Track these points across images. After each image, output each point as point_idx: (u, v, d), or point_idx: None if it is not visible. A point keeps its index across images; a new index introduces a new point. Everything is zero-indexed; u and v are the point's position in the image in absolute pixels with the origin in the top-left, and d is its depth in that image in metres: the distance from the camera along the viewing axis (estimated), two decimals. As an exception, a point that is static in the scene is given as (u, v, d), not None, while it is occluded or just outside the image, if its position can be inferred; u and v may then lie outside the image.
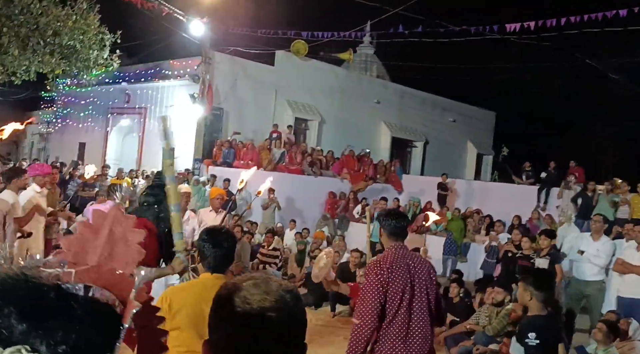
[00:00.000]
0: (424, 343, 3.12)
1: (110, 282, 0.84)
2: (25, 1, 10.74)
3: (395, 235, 3.29)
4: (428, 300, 3.17)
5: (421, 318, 3.13)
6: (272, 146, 15.63)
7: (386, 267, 3.10)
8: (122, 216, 0.99)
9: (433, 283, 3.24)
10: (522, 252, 7.61)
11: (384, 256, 3.22)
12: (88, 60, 12.14)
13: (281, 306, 1.03)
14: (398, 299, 3.07)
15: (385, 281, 3.06)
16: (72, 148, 20.34)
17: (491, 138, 24.64)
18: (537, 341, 3.33)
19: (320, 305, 8.44)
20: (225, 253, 2.62)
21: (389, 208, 4.64)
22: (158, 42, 17.81)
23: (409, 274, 3.13)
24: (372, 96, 20.23)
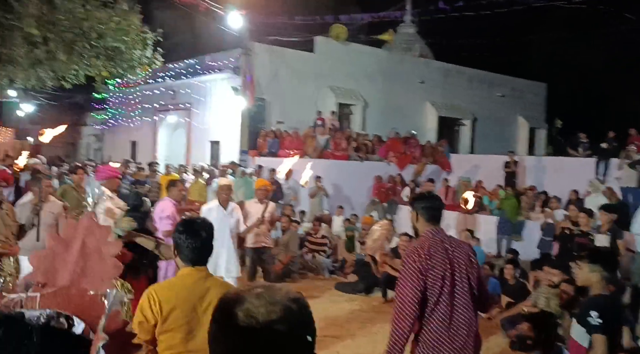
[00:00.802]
0: (469, 329, 2.98)
1: (79, 307, 0.77)
2: (68, 6, 11.03)
3: (430, 218, 3.15)
4: (470, 284, 3.03)
5: (464, 303, 2.99)
6: (317, 133, 15.57)
7: (424, 253, 2.97)
8: (95, 226, 0.91)
9: (474, 266, 3.08)
10: (579, 229, 7.26)
11: (420, 242, 3.08)
12: (132, 60, 12.39)
13: (288, 317, 0.95)
14: (439, 285, 2.94)
15: (424, 268, 2.93)
16: (125, 147, 21.00)
17: (543, 111, 23.70)
18: (599, 321, 3.14)
19: (371, 291, 8.36)
20: (202, 244, 2.47)
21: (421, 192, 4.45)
22: (198, 38, 18.03)
23: (448, 258, 2.99)
24: (416, 76, 19.82)
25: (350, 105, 18.45)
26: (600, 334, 3.15)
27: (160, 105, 19.26)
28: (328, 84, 17.61)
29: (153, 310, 2.37)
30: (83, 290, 0.82)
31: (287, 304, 0.96)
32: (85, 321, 0.77)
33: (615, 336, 3.29)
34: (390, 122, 17.79)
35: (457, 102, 20.86)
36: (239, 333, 0.93)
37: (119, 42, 11.77)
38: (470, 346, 2.99)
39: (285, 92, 16.54)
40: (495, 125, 21.47)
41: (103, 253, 0.88)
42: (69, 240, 0.91)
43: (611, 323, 3.20)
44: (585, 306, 3.36)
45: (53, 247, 0.90)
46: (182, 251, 2.49)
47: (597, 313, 3.16)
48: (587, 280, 3.38)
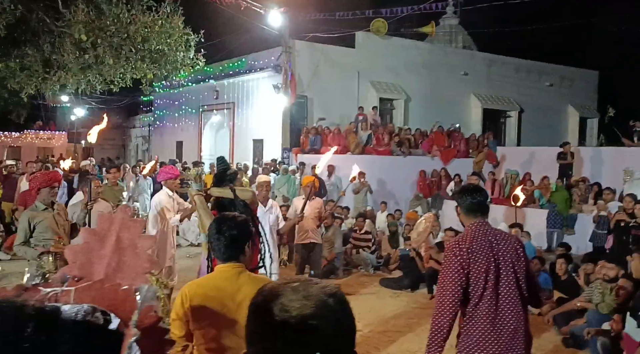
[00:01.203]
0: (517, 325, 2.85)
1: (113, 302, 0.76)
2: (115, 12, 11.33)
3: (473, 211, 3.04)
4: (517, 278, 2.90)
5: (511, 298, 2.87)
6: (359, 129, 15.49)
7: (465, 247, 2.87)
8: (129, 220, 0.90)
9: (521, 260, 2.94)
10: (636, 221, 6.92)
11: (462, 236, 2.98)
12: (175, 61, 12.62)
13: (324, 312, 0.91)
14: (482, 280, 2.83)
15: (466, 263, 2.84)
16: (171, 147, 21.51)
17: (595, 100, 22.80)
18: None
19: (416, 287, 8.25)
20: (232, 240, 2.46)
21: (463, 185, 4.30)
22: (240, 37, 18.24)
23: (492, 252, 2.87)
24: (459, 68, 19.43)
25: (392, 100, 18.28)
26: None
27: (204, 105, 19.62)
28: (369, 79, 17.50)
29: (184, 307, 2.40)
30: (117, 284, 0.81)
31: (322, 298, 0.92)
32: (120, 316, 0.76)
33: None
34: (434, 115, 17.51)
35: (502, 93, 20.33)
36: (274, 327, 0.90)
37: (163, 45, 11.99)
38: (520, 342, 2.86)
39: (327, 89, 16.52)
40: (543, 115, 20.82)
41: (137, 247, 0.88)
42: (104, 234, 0.91)
43: None
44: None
45: (88, 241, 0.90)
46: (214, 248, 2.52)
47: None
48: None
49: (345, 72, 16.90)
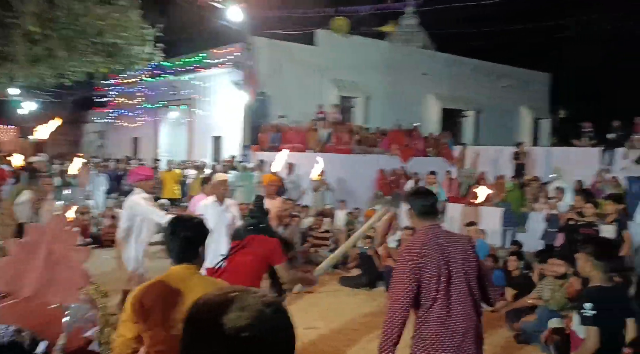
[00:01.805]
0: (468, 325, 2.91)
1: (40, 322, 0.70)
2: (67, 3, 10.97)
3: (424, 214, 3.08)
4: (467, 280, 2.95)
5: (462, 300, 2.91)
6: (319, 127, 15.49)
7: (416, 252, 2.91)
8: (63, 231, 0.84)
9: (470, 260, 2.99)
10: (584, 219, 7.16)
11: (414, 240, 3.03)
12: (131, 56, 12.33)
13: (260, 323, 0.87)
14: (434, 283, 2.87)
15: (417, 268, 2.87)
16: (127, 143, 21.00)
17: (547, 102, 23.52)
18: (593, 312, 3.10)
19: (374, 285, 8.31)
20: (187, 242, 2.47)
21: (414, 187, 4.44)
22: (199, 32, 17.93)
23: (443, 255, 2.91)
24: (419, 68, 19.67)
25: (353, 98, 18.35)
26: (591, 325, 3.12)
27: (161, 101, 19.22)
28: (330, 77, 17.51)
29: (135, 308, 2.36)
30: (45, 303, 0.75)
31: (259, 308, 0.89)
32: (47, 338, 0.71)
33: (615, 329, 3.23)
34: (393, 114, 17.68)
35: (460, 94, 20.71)
36: (206, 340, 0.86)
37: (118, 38, 11.71)
38: (471, 343, 2.92)
39: (287, 86, 16.44)
40: (498, 116, 21.32)
41: (71, 260, 0.81)
42: (34, 246, 0.83)
43: (607, 315, 3.16)
44: (581, 298, 3.33)
45: (16, 254, 0.82)
46: (168, 249, 2.51)
47: (590, 304, 3.14)
48: (583, 270, 3.35)
49: (306, 69, 16.86)
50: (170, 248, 2.49)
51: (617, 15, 17.60)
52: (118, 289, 7.11)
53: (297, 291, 7.23)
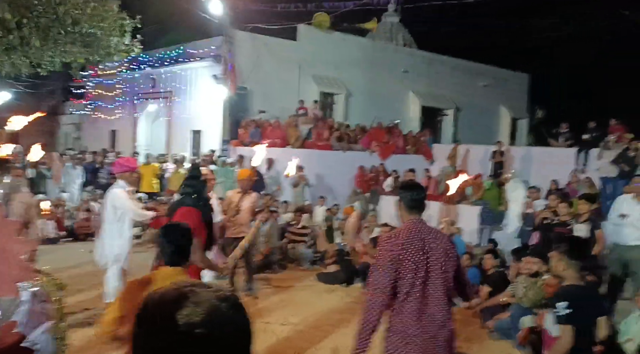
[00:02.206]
0: (442, 321, 2.98)
1: None
2: (42, -9, 10.72)
3: (412, 208, 3.12)
4: (444, 277, 3.01)
5: (437, 295, 2.98)
6: (299, 123, 15.45)
7: (399, 243, 2.97)
8: (1, 222, 0.79)
9: (450, 258, 3.05)
10: (559, 218, 7.27)
11: (398, 231, 3.08)
12: (109, 47, 12.09)
13: (214, 319, 0.84)
14: (411, 276, 2.93)
15: (397, 258, 2.93)
16: (104, 136, 20.65)
17: (525, 102, 23.83)
18: (567, 311, 3.12)
19: (351, 282, 8.32)
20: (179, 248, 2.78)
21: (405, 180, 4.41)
22: (179, 25, 17.71)
23: (423, 250, 2.98)
24: (399, 65, 19.74)
25: (333, 94, 18.34)
26: (566, 324, 3.14)
27: (140, 94, 18.95)
28: (311, 73, 17.47)
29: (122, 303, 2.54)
30: None
31: (214, 303, 0.86)
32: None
33: (588, 328, 3.27)
34: (373, 111, 17.71)
35: (440, 92, 20.85)
36: (160, 336, 0.83)
37: (96, 28, 11.46)
38: (442, 338, 2.98)
39: (268, 81, 16.35)
40: (477, 115, 21.52)
41: (8, 252, 0.76)
42: None
43: (581, 313, 3.18)
44: (555, 296, 3.34)
45: None
46: (162, 252, 2.81)
47: (565, 303, 3.15)
48: (556, 269, 3.36)
49: (286, 64, 16.79)
50: (164, 251, 2.79)
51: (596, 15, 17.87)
52: (91, 282, 7.02)
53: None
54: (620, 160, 11.61)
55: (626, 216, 6.59)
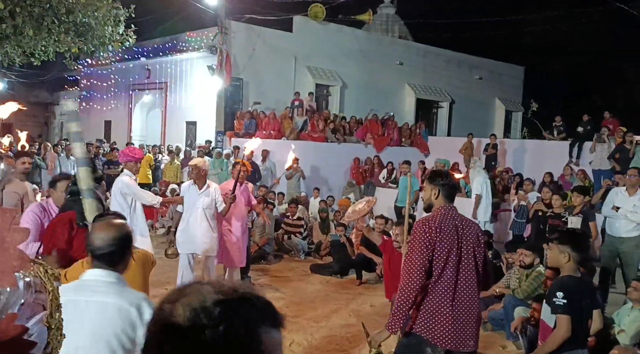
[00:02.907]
0: (471, 304, 3.10)
1: None
2: (36, -21, 10.63)
3: (449, 196, 3.27)
4: (475, 263, 3.14)
5: (468, 280, 3.11)
6: (294, 114, 15.42)
7: (435, 226, 3.10)
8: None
9: (481, 246, 3.20)
10: (552, 211, 7.31)
11: (433, 216, 3.21)
12: (103, 37, 12.02)
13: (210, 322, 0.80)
14: (444, 258, 3.07)
15: (433, 240, 3.07)
16: (99, 126, 20.55)
17: (520, 95, 23.87)
18: (564, 301, 3.17)
19: (346, 273, 8.35)
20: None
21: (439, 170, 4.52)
22: (174, 15, 17.62)
23: (457, 235, 3.12)
24: (395, 57, 19.70)
25: (329, 86, 18.30)
26: (563, 314, 3.19)
27: (135, 84, 18.85)
28: (306, 64, 17.41)
29: None
30: None
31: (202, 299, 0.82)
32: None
33: (583, 318, 3.31)
34: (369, 103, 17.70)
35: (435, 84, 20.84)
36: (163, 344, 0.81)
37: (89, 18, 11.39)
38: (472, 320, 3.10)
39: (263, 72, 16.30)
40: (472, 107, 21.55)
41: (6, 241, 0.75)
42: None
43: (577, 304, 3.22)
44: (552, 287, 3.37)
45: None
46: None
47: (562, 293, 3.20)
48: (557, 261, 3.39)
49: (282, 56, 16.73)
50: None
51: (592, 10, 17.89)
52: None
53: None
54: (617, 154, 11.66)
55: (619, 208, 6.64)
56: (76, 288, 2.08)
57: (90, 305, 2.03)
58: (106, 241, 2.15)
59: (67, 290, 1.85)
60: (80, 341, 1.93)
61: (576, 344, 3.32)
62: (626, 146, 11.65)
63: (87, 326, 1.98)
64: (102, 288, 2.09)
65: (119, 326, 2.02)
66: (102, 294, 2.06)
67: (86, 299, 2.04)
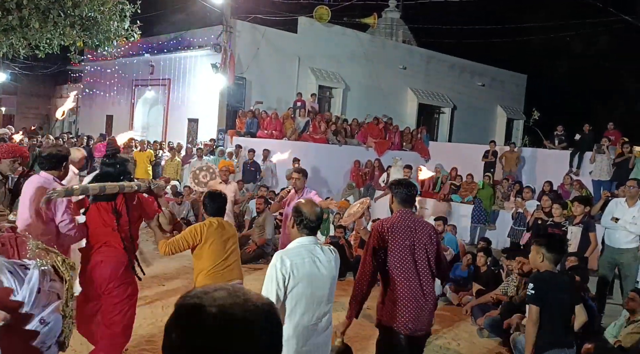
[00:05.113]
0: (427, 290, 3.52)
1: None
2: (43, -27, 10.63)
3: (405, 201, 3.65)
4: (428, 257, 3.54)
5: (424, 272, 3.52)
6: (296, 115, 15.45)
7: (387, 226, 3.52)
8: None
9: (433, 243, 3.59)
10: (552, 220, 7.33)
11: (388, 218, 3.64)
12: (109, 31, 12.00)
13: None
14: (399, 256, 3.49)
15: (385, 239, 3.48)
16: (100, 121, 20.57)
17: (522, 103, 23.92)
18: (532, 292, 3.43)
19: (344, 275, 8.35)
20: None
21: (400, 178, 5.21)
22: (179, 12, 17.63)
23: (410, 235, 3.52)
24: (398, 62, 19.75)
25: (331, 88, 18.33)
26: (531, 303, 3.44)
27: (138, 80, 18.87)
28: (309, 66, 17.45)
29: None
30: None
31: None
32: None
33: (559, 313, 3.45)
34: (371, 106, 17.73)
35: (437, 90, 20.89)
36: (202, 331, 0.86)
37: (95, 12, 11.37)
38: (428, 307, 3.53)
39: (266, 72, 16.33)
40: (474, 114, 21.60)
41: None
42: None
43: (547, 295, 3.44)
44: (528, 281, 3.58)
45: None
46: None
47: (532, 284, 3.47)
48: (534, 261, 3.63)
49: (285, 56, 16.76)
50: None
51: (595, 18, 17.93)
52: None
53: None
54: (619, 162, 11.70)
55: (618, 219, 6.66)
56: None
57: None
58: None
59: None
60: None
61: (559, 343, 3.42)
62: (626, 157, 11.68)
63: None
64: None
65: None
66: None
67: None
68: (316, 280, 2.83)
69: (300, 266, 2.79)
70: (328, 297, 2.92)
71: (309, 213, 2.93)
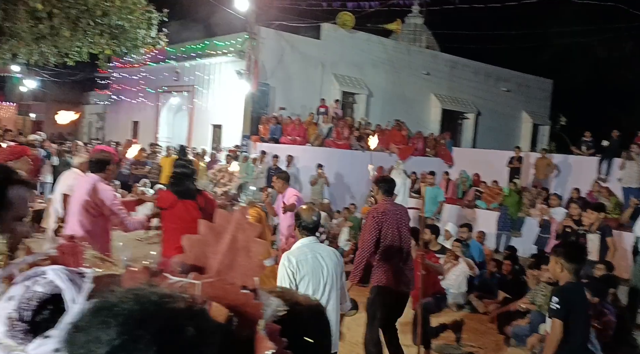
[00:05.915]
0: (407, 256, 4.81)
1: (236, 302, 0.72)
2: (74, -18, 10.89)
3: (387, 192, 4.88)
4: (407, 231, 4.85)
5: (406, 243, 4.79)
6: (320, 121, 15.49)
7: (380, 211, 4.71)
8: (246, 223, 0.89)
9: (408, 220, 4.92)
10: (583, 228, 7.21)
11: (379, 206, 4.82)
12: (136, 39, 12.24)
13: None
14: (390, 233, 4.67)
15: (380, 221, 4.66)
16: (126, 126, 20.93)
17: (548, 108, 23.56)
18: (557, 306, 3.32)
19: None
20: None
21: (382, 175, 7.99)
22: (204, 19, 17.87)
23: (396, 217, 4.75)
24: (422, 67, 19.67)
25: (355, 94, 18.34)
26: (555, 318, 3.33)
27: (163, 86, 19.16)
28: (333, 72, 17.50)
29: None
30: (236, 284, 0.78)
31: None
32: (241, 319, 0.73)
33: (580, 324, 3.35)
34: (394, 112, 17.69)
35: (461, 95, 20.73)
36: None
37: (124, 21, 11.61)
38: (408, 268, 4.79)
39: (290, 78, 16.43)
40: (498, 119, 21.36)
41: (251, 251, 0.86)
42: (221, 231, 0.90)
43: (572, 309, 3.34)
44: (551, 293, 3.49)
45: (205, 235, 0.90)
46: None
47: (557, 298, 3.35)
48: (554, 272, 3.48)
49: (309, 63, 16.84)
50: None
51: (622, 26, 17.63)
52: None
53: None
54: None
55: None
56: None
57: None
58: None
59: None
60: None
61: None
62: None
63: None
64: None
65: None
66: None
67: None
68: (320, 271, 3.35)
69: (305, 262, 3.30)
70: (333, 283, 3.39)
71: (306, 217, 3.49)
